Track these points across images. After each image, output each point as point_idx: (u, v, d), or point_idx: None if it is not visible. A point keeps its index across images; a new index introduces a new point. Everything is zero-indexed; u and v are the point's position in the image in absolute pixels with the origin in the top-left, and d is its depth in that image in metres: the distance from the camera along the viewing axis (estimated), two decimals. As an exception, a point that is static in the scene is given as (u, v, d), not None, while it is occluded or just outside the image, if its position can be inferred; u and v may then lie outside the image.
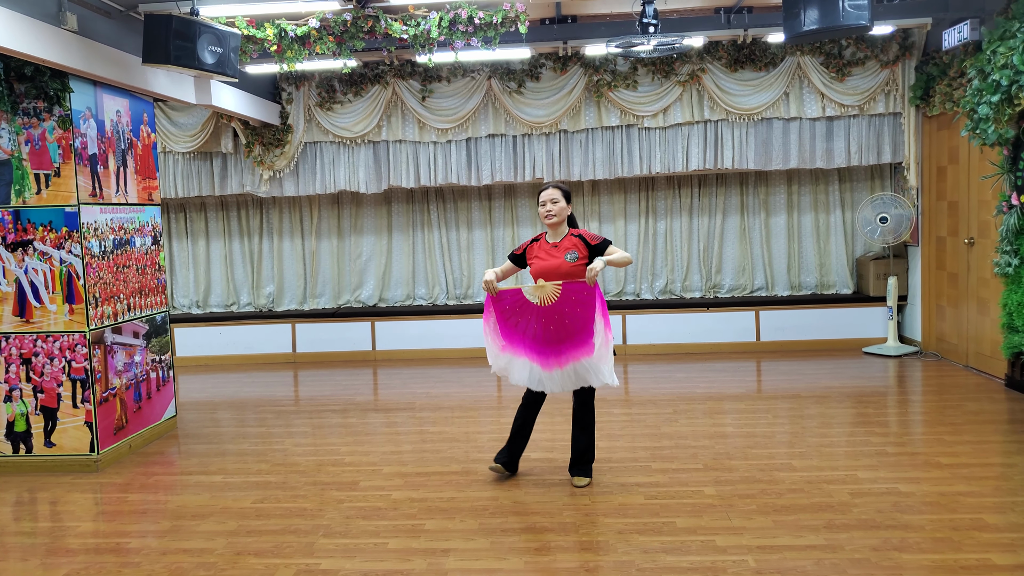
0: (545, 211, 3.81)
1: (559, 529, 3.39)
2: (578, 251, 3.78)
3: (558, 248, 3.82)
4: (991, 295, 5.76)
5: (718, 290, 7.66)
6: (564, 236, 3.85)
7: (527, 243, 3.96)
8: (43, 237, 4.44)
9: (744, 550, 3.11)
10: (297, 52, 5.02)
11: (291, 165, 7.28)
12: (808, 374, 6.27)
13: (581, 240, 3.81)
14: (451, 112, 7.07)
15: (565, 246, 3.81)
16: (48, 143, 4.38)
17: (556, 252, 3.80)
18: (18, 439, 4.55)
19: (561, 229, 3.86)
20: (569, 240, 3.82)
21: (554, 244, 3.84)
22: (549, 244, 3.86)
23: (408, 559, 3.16)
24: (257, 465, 4.46)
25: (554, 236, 3.87)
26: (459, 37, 4.92)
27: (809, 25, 4.12)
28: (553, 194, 3.82)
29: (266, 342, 7.63)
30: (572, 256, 3.77)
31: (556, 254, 3.80)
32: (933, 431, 4.64)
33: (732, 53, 6.82)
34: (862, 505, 3.51)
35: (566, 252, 3.78)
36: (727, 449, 4.40)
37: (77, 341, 4.46)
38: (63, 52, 4.06)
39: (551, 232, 3.88)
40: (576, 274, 3.73)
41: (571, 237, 3.84)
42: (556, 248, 3.82)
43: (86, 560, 3.28)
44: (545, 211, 3.81)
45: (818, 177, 7.48)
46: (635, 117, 7.00)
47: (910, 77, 6.70)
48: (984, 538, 3.14)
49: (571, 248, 3.79)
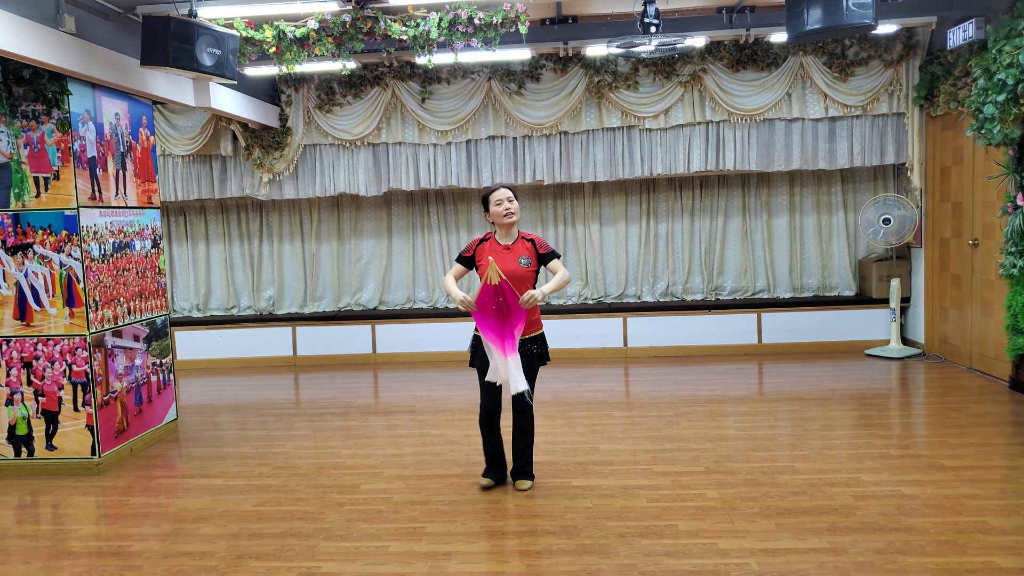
0: (504, 210, 3.74)
1: (561, 532, 3.37)
2: (530, 257, 3.76)
3: (511, 251, 3.76)
4: (995, 297, 5.73)
5: (720, 292, 7.63)
6: (516, 239, 3.81)
7: (475, 243, 3.87)
8: (43, 240, 4.43)
9: (747, 553, 3.09)
10: (296, 54, 5.00)
11: (290, 168, 7.27)
12: (810, 376, 6.25)
13: (532, 246, 3.78)
14: (451, 114, 7.06)
15: (518, 250, 3.77)
16: (47, 146, 4.37)
17: (509, 255, 3.75)
18: (19, 442, 4.54)
19: (513, 231, 3.82)
20: (522, 244, 3.79)
21: (506, 247, 3.78)
22: (501, 246, 3.79)
23: (409, 562, 3.14)
24: (258, 468, 4.45)
25: (506, 238, 3.81)
26: (459, 38, 4.90)
27: (812, 24, 4.09)
28: (508, 193, 3.78)
29: (266, 345, 7.61)
30: (526, 261, 3.74)
31: (509, 257, 3.74)
32: (937, 434, 4.61)
33: (734, 53, 6.80)
34: (865, 508, 3.48)
35: (520, 256, 3.74)
36: (729, 452, 4.37)
37: (78, 344, 4.45)
38: (61, 54, 4.05)
39: (503, 233, 3.82)
40: (526, 279, 3.72)
41: (523, 241, 3.80)
42: (509, 251, 3.76)
43: (88, 563, 3.27)
44: (504, 210, 3.74)
45: (820, 178, 7.45)
46: (636, 118, 6.98)
47: (914, 77, 6.68)
48: (989, 541, 3.12)
49: (524, 253, 3.76)
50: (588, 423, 5.09)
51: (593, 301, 7.70)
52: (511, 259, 3.73)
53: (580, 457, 4.38)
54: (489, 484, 3.92)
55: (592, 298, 7.71)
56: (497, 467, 3.96)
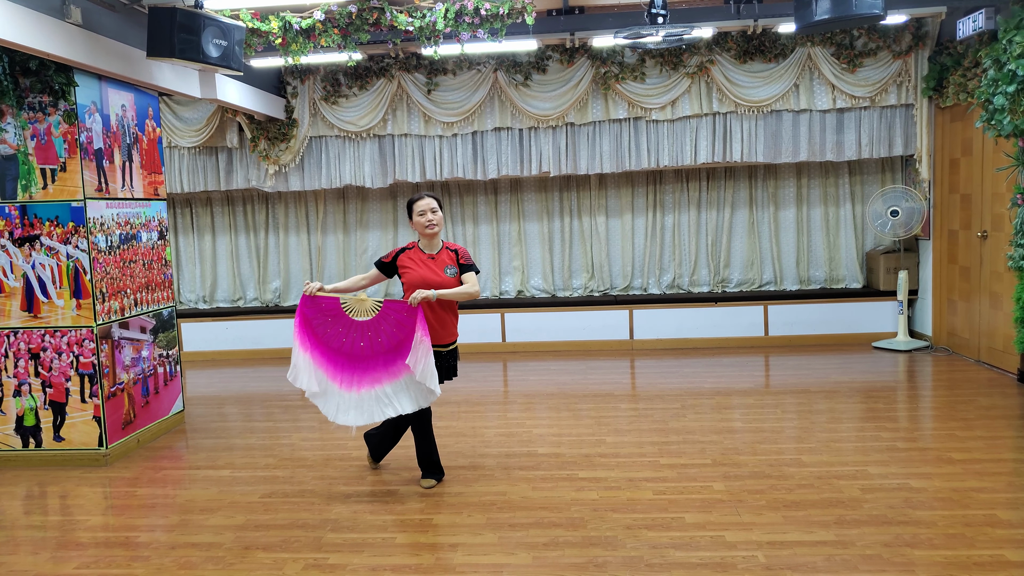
0: (426, 220, 3.73)
1: (567, 524, 3.37)
2: (455, 266, 3.76)
3: (435, 260, 3.76)
4: (1004, 289, 5.69)
5: (726, 284, 7.61)
6: (440, 249, 3.81)
7: (396, 252, 3.85)
8: (50, 232, 4.44)
9: (754, 546, 3.08)
10: (302, 45, 4.99)
11: (296, 160, 7.26)
12: (817, 369, 6.23)
13: (455, 256, 3.78)
14: (457, 105, 7.03)
15: (443, 259, 3.77)
16: (54, 138, 4.37)
17: (434, 264, 3.75)
18: (27, 433, 4.56)
19: (436, 241, 3.81)
20: (446, 253, 3.79)
21: (431, 255, 3.78)
22: (425, 255, 3.78)
23: (416, 554, 3.15)
24: (265, 459, 4.46)
25: (429, 247, 3.80)
26: (465, 29, 4.88)
27: (821, 15, 4.06)
28: (432, 203, 3.76)
29: (273, 337, 7.62)
30: (451, 271, 3.74)
31: (434, 267, 3.74)
32: (945, 426, 4.59)
33: (741, 44, 6.75)
34: (873, 501, 3.47)
35: (445, 266, 3.74)
36: (736, 444, 4.36)
37: (85, 336, 4.46)
38: (68, 46, 4.05)
39: (426, 242, 3.80)
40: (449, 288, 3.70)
41: (447, 251, 3.80)
42: (434, 260, 3.76)
43: (96, 554, 3.29)
44: (426, 220, 3.73)
45: (828, 170, 7.41)
46: (643, 110, 6.94)
47: (923, 68, 6.62)
48: (997, 534, 3.11)
49: (449, 263, 3.76)
50: (594, 415, 5.09)
51: (599, 293, 7.68)
52: (437, 268, 3.74)
53: (586, 449, 4.38)
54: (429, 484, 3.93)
55: (598, 290, 7.70)
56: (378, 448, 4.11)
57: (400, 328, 3.63)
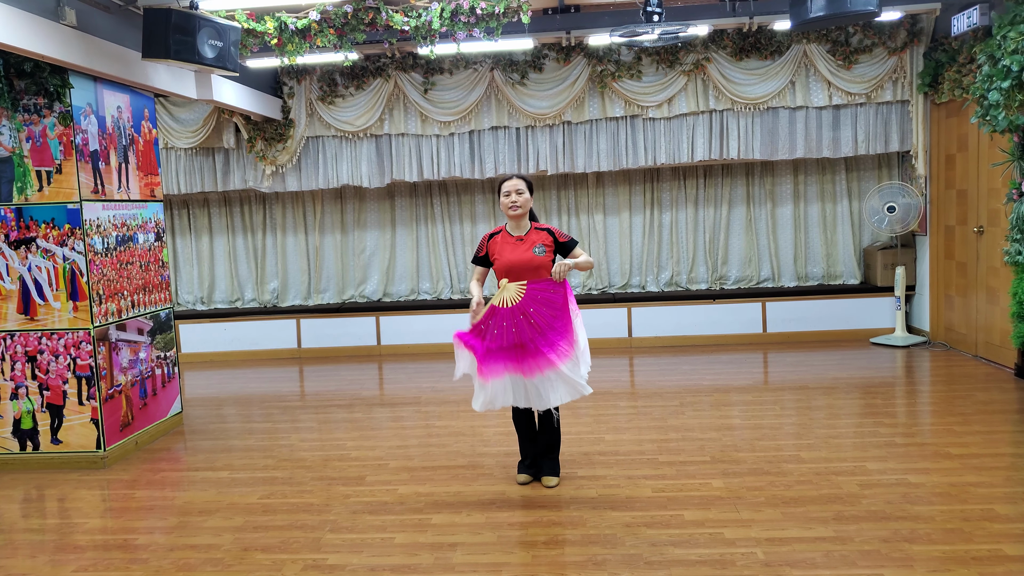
0: (510, 202, 3.63)
1: (566, 522, 3.37)
2: (545, 245, 3.64)
3: (524, 241, 3.65)
4: (1001, 284, 5.70)
5: (724, 282, 7.61)
6: (529, 230, 3.70)
7: (485, 240, 3.75)
8: (46, 234, 4.43)
9: (753, 542, 3.09)
10: (298, 45, 4.98)
11: (293, 160, 7.25)
12: (815, 365, 6.23)
13: (549, 234, 3.68)
14: (453, 105, 7.03)
15: (532, 239, 3.65)
16: (49, 140, 4.36)
17: (522, 245, 3.64)
18: (25, 436, 4.56)
19: (524, 223, 3.71)
20: (536, 234, 3.68)
21: (519, 238, 3.67)
22: (513, 238, 3.68)
23: (415, 553, 3.15)
24: (263, 461, 4.46)
25: (517, 229, 3.70)
26: (461, 28, 4.88)
27: (816, 12, 4.06)
28: (518, 184, 3.66)
29: (271, 338, 7.62)
30: (540, 250, 3.62)
31: (523, 248, 3.63)
32: (942, 421, 4.60)
33: (737, 42, 6.75)
34: (871, 496, 3.48)
35: (534, 246, 3.63)
36: (734, 441, 4.37)
37: (82, 338, 4.45)
38: (63, 48, 4.04)
39: (513, 225, 3.72)
40: (543, 267, 3.61)
41: (537, 231, 3.69)
42: (522, 241, 3.65)
43: (94, 556, 3.28)
44: (510, 202, 3.63)
45: (825, 167, 7.42)
46: (639, 107, 6.95)
47: (918, 64, 6.63)
48: (995, 529, 3.11)
49: (539, 242, 3.64)
50: (593, 413, 5.09)
51: (597, 291, 7.68)
52: (524, 249, 3.63)
53: (585, 447, 4.38)
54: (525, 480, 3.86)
55: (596, 288, 7.70)
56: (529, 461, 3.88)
57: (549, 306, 3.55)
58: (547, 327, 3.53)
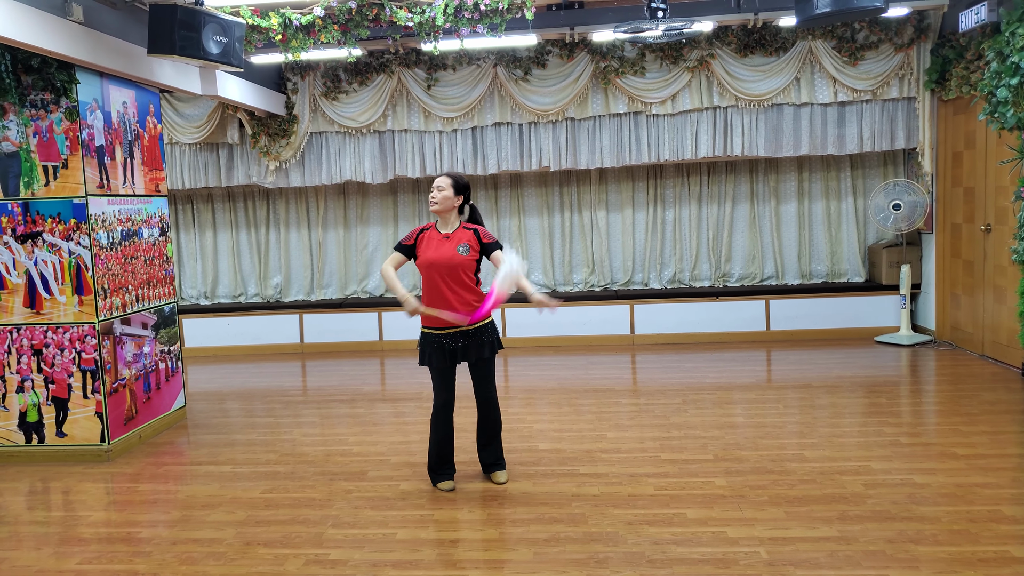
0: (429, 197, 3.70)
1: (568, 520, 3.37)
2: (470, 246, 3.66)
3: (450, 239, 3.68)
4: (1008, 283, 5.67)
5: (727, 279, 7.59)
6: (456, 228, 3.72)
7: (416, 232, 3.77)
8: (52, 229, 4.44)
9: (756, 541, 3.08)
10: (302, 41, 4.98)
11: (297, 155, 7.25)
12: (819, 363, 6.22)
13: (475, 235, 3.68)
14: (457, 101, 7.02)
15: (459, 238, 3.68)
16: (56, 135, 4.37)
17: (447, 243, 3.66)
18: (30, 429, 4.58)
19: (451, 220, 3.72)
20: (463, 232, 3.70)
21: (446, 235, 3.70)
22: (440, 234, 3.71)
23: (417, 549, 3.15)
24: (266, 455, 4.47)
25: (445, 227, 3.72)
26: (465, 24, 4.86)
27: (822, 8, 4.04)
28: (440, 182, 3.68)
29: (274, 333, 7.63)
30: (464, 249, 3.64)
31: (448, 245, 3.66)
32: (948, 421, 4.58)
33: (742, 38, 6.72)
34: (876, 496, 3.47)
35: (459, 244, 3.66)
36: (737, 439, 4.36)
37: (87, 332, 4.47)
38: (69, 43, 4.04)
39: (441, 222, 3.74)
40: (463, 267, 3.62)
41: (464, 230, 3.71)
42: (448, 239, 3.68)
43: (98, 549, 3.30)
44: (429, 197, 3.70)
45: (829, 164, 7.39)
46: (643, 104, 6.92)
47: (925, 60, 6.58)
48: (1002, 530, 3.10)
49: (464, 240, 3.66)
50: (595, 411, 5.09)
51: (600, 288, 7.67)
52: (449, 247, 3.65)
53: (587, 445, 4.38)
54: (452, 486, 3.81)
55: (599, 285, 7.69)
56: (450, 467, 3.87)
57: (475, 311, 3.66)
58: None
